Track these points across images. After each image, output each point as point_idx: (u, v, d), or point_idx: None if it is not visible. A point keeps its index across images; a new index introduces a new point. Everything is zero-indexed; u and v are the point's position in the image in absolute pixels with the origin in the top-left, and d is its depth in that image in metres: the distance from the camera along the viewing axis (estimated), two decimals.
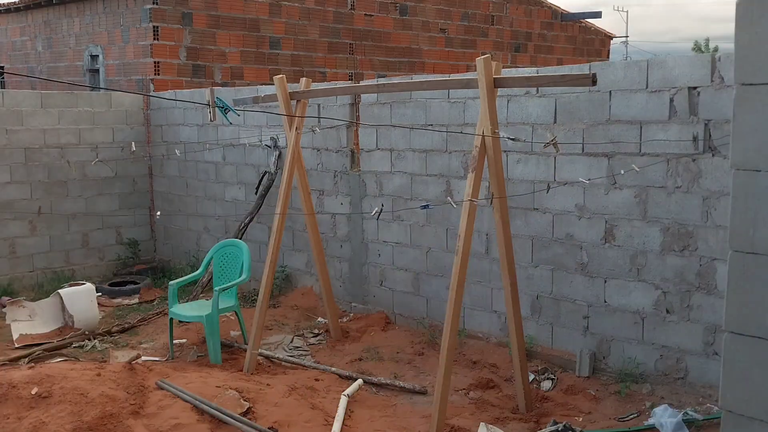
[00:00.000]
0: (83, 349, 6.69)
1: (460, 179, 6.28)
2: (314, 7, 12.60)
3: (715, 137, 4.74)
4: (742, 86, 2.18)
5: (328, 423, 4.71)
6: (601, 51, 18.30)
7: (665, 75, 4.94)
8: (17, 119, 8.78)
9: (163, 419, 4.55)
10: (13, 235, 8.85)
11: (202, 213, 9.26)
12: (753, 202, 2.17)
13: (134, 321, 7.51)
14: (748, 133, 2.17)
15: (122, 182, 9.74)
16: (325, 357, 6.37)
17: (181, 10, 11.00)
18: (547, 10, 16.84)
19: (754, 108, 2.15)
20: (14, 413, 4.51)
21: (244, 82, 11.58)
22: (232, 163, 8.74)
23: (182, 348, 6.65)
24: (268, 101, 6.52)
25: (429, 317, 6.67)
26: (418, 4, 14.15)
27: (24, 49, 13.64)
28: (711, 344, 4.90)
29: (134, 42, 11.03)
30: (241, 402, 4.80)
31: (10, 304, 7.44)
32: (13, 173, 8.82)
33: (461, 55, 14.93)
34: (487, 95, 4.54)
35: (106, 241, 9.66)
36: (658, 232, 5.07)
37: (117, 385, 4.88)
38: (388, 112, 6.88)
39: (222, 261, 6.89)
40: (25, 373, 5.00)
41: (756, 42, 2.12)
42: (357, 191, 7.28)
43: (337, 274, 7.52)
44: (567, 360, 5.63)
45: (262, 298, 6.07)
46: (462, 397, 5.37)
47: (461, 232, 4.61)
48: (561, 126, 5.54)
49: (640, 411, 4.86)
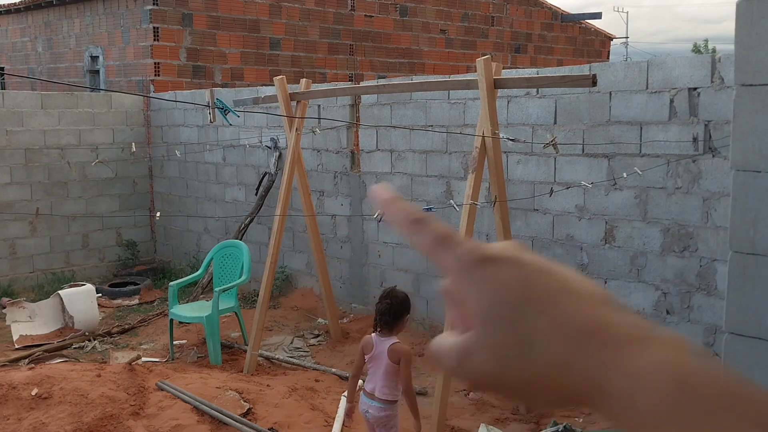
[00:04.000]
0: (83, 350, 6.69)
1: (460, 180, 6.28)
2: (314, 8, 12.60)
3: (715, 138, 4.74)
4: (742, 87, 2.18)
5: (328, 424, 4.71)
6: (601, 52, 18.30)
7: (665, 76, 4.94)
8: (17, 120, 8.78)
9: (163, 420, 4.55)
10: (14, 236, 8.85)
11: (202, 214, 9.25)
12: (753, 203, 2.17)
13: (134, 322, 7.51)
14: (748, 134, 2.17)
15: (122, 183, 9.74)
16: (325, 358, 6.37)
17: (182, 11, 11.00)
18: (547, 11, 16.84)
19: (754, 109, 2.15)
20: (14, 414, 4.51)
21: (244, 83, 11.58)
22: (233, 164, 8.74)
23: (182, 349, 6.65)
24: (268, 102, 6.52)
25: (429, 318, 6.67)
26: (418, 5, 14.15)
27: (24, 50, 13.64)
28: (711, 345, 4.89)
29: (134, 43, 11.03)
30: (241, 403, 4.80)
31: (11, 305, 7.43)
32: (14, 174, 8.82)
33: (461, 56, 14.93)
34: (488, 96, 4.54)
35: (107, 242, 9.65)
36: (658, 233, 5.07)
37: (117, 386, 4.88)
38: (389, 113, 6.88)
39: (222, 262, 6.89)
40: (25, 374, 5.00)
41: (756, 43, 2.12)
42: (357, 192, 7.28)
43: (338, 275, 7.52)
44: None
45: (262, 299, 6.07)
46: (462, 397, 5.37)
47: (461, 233, 4.61)
48: (561, 127, 5.54)
49: None
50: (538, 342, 0.43)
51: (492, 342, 0.44)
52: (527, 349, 0.43)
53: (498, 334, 0.44)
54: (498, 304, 0.44)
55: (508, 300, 0.44)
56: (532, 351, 0.43)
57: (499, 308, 0.44)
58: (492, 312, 0.45)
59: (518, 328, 0.43)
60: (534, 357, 0.43)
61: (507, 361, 0.44)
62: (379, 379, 3.69)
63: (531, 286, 0.45)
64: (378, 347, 3.70)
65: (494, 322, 0.44)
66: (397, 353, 3.67)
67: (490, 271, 0.46)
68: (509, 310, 0.44)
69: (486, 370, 0.45)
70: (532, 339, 0.43)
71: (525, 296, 0.44)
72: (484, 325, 0.45)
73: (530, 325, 0.43)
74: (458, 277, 0.47)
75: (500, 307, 0.44)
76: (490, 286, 0.45)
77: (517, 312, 0.44)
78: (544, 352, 0.43)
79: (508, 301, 0.44)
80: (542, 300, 0.44)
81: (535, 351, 0.43)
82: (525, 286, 0.45)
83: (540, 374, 0.43)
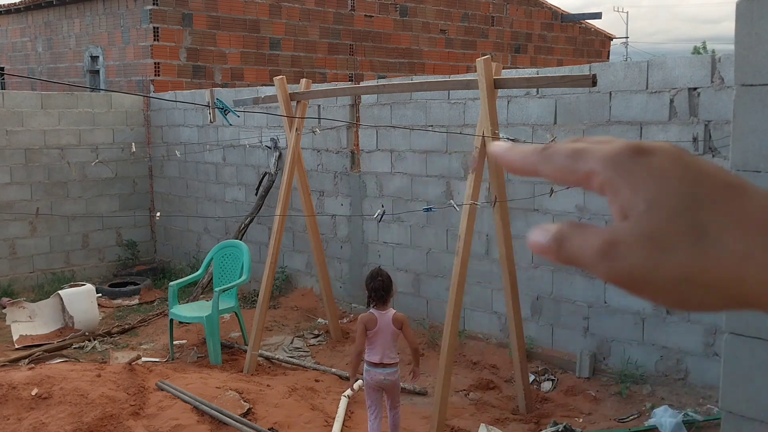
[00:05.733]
0: (83, 350, 6.69)
1: (460, 180, 6.28)
2: (314, 8, 12.60)
3: (715, 138, 4.74)
4: (742, 87, 2.18)
5: (328, 424, 4.71)
6: (601, 52, 18.30)
7: (665, 76, 4.94)
8: (17, 120, 8.78)
9: (163, 420, 4.55)
10: (14, 236, 8.85)
11: (202, 214, 9.25)
12: None
13: (134, 322, 7.51)
14: (748, 134, 2.17)
15: (122, 183, 9.74)
16: (325, 358, 6.37)
17: (182, 11, 11.00)
18: (547, 11, 16.84)
19: (754, 109, 2.15)
20: (14, 414, 4.51)
21: (244, 83, 11.58)
22: (233, 164, 8.74)
23: (182, 349, 6.65)
24: (268, 102, 6.52)
25: (429, 318, 6.67)
26: (418, 5, 14.15)
27: (24, 50, 13.64)
28: (711, 345, 4.89)
29: (134, 43, 11.03)
30: (241, 403, 4.80)
31: (11, 305, 7.43)
32: (14, 174, 8.82)
33: (461, 56, 14.93)
34: (488, 96, 4.54)
35: (106, 242, 9.65)
36: None
37: (117, 386, 4.88)
38: (389, 113, 6.88)
39: (222, 262, 6.89)
40: (25, 374, 5.00)
41: (756, 42, 2.12)
42: (357, 192, 7.28)
43: (338, 275, 7.52)
44: (567, 361, 5.62)
45: (262, 299, 6.07)
46: (462, 398, 5.37)
47: (461, 233, 4.61)
48: (561, 127, 5.54)
49: (641, 412, 4.86)
50: (714, 232, 0.40)
51: (654, 231, 0.40)
52: (699, 239, 0.40)
53: (664, 222, 0.40)
54: (666, 193, 0.41)
55: (678, 190, 0.41)
56: (706, 241, 0.40)
57: (668, 197, 0.41)
58: (659, 200, 0.41)
59: (690, 218, 0.40)
60: (707, 247, 0.40)
61: (670, 252, 0.40)
62: (385, 348, 4.18)
63: (703, 177, 0.41)
64: (381, 320, 4.19)
65: (660, 210, 0.41)
66: (400, 320, 4.22)
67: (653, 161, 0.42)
68: (680, 199, 0.41)
69: (639, 262, 0.40)
70: (706, 229, 0.40)
71: (698, 187, 0.41)
72: (647, 214, 0.41)
73: (705, 214, 0.40)
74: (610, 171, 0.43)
75: (669, 196, 0.41)
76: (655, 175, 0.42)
77: (689, 200, 0.41)
78: (719, 242, 0.40)
79: (679, 191, 0.41)
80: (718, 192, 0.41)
81: (709, 241, 0.40)
82: (696, 177, 0.41)
83: (709, 266, 0.40)
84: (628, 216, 0.42)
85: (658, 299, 0.42)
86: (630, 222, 0.41)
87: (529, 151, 0.48)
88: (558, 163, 0.46)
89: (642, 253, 0.40)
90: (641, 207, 0.41)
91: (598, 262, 0.42)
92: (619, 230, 0.42)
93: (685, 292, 0.41)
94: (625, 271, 0.41)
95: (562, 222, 0.45)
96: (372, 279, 4.29)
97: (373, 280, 4.27)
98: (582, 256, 0.43)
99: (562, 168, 0.46)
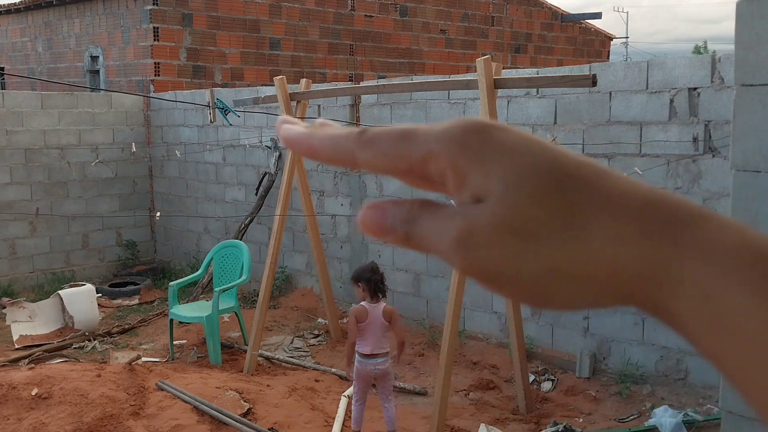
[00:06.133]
0: (83, 350, 6.69)
1: None
2: (314, 8, 12.60)
3: (715, 138, 4.74)
4: (742, 87, 2.18)
5: (328, 424, 4.71)
6: (601, 52, 18.31)
7: (665, 76, 4.95)
8: (17, 120, 8.78)
9: (163, 420, 4.56)
10: (14, 236, 8.85)
11: (202, 214, 9.25)
12: (753, 203, 2.17)
13: (134, 322, 7.51)
14: (748, 134, 2.17)
15: (122, 183, 9.74)
16: (325, 358, 6.37)
17: (182, 11, 11.00)
18: (547, 11, 16.84)
19: (754, 109, 2.15)
20: (14, 414, 4.51)
21: (244, 83, 11.59)
22: (233, 164, 8.74)
23: (182, 349, 6.65)
24: (268, 102, 6.52)
25: (429, 318, 6.67)
26: (418, 5, 14.15)
27: (24, 50, 13.65)
28: None
29: (134, 43, 11.04)
30: (241, 403, 4.80)
31: (11, 305, 7.43)
32: (14, 174, 8.82)
33: (461, 56, 14.93)
34: (488, 96, 4.54)
35: (106, 242, 9.65)
36: None
37: (117, 386, 4.88)
38: (389, 113, 6.88)
39: (222, 262, 6.89)
40: (25, 374, 5.00)
41: (756, 42, 2.12)
42: (357, 192, 7.28)
43: (338, 275, 7.52)
44: (567, 361, 5.62)
45: (262, 298, 6.07)
46: (462, 398, 5.37)
47: None
48: (561, 127, 5.54)
49: (641, 412, 4.86)
50: (581, 215, 0.34)
51: (516, 217, 0.34)
52: (566, 223, 0.34)
53: (527, 207, 0.34)
54: (525, 172, 0.35)
55: (540, 168, 0.35)
56: (573, 226, 0.34)
57: (528, 177, 0.35)
58: (518, 181, 0.35)
59: (553, 200, 0.34)
60: (575, 233, 0.34)
61: (535, 241, 0.34)
62: (375, 339, 4.37)
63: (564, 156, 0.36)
64: (373, 312, 4.37)
65: (520, 192, 0.35)
66: (389, 312, 4.41)
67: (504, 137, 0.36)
68: (543, 179, 0.35)
69: (500, 253, 0.35)
70: (572, 212, 0.34)
71: (560, 165, 0.35)
72: (504, 197, 0.35)
73: (570, 195, 0.34)
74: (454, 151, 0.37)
75: (529, 176, 0.35)
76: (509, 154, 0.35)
77: (553, 181, 0.35)
78: (589, 226, 0.34)
79: (541, 169, 0.35)
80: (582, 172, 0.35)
81: (577, 225, 0.34)
82: (557, 156, 0.35)
83: (581, 256, 0.34)
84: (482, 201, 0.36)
85: (522, 296, 0.36)
86: (486, 206, 0.35)
87: (342, 136, 0.40)
88: (383, 148, 0.39)
89: (501, 242, 0.35)
90: (498, 189, 0.35)
91: (453, 253, 0.36)
92: (475, 216, 0.36)
93: (552, 286, 0.35)
94: (483, 264, 0.35)
95: (412, 199, 0.40)
96: (373, 272, 4.44)
97: (375, 273, 4.43)
98: (435, 244, 0.37)
99: (389, 154, 0.39)
